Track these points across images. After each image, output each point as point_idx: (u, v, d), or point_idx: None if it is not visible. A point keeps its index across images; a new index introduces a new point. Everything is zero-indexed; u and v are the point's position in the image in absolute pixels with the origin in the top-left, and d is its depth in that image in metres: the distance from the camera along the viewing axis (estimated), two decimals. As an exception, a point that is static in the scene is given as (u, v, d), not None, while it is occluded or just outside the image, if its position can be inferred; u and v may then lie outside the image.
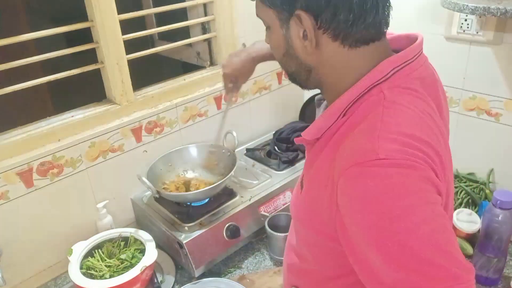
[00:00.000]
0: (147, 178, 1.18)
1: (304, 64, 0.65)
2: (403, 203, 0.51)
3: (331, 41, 0.60)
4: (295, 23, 0.61)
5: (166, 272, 1.20)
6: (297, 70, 0.67)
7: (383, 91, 0.60)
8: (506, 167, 1.31)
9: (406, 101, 0.60)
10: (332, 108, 0.63)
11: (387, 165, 0.52)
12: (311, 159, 0.69)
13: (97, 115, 1.23)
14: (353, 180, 0.54)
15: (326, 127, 0.64)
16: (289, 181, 1.36)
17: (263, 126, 1.69)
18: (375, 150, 0.53)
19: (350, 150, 0.56)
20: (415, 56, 0.63)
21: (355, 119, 0.60)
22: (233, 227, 1.20)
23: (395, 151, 0.53)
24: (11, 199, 1.09)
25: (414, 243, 0.50)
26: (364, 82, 0.61)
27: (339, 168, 0.56)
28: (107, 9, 1.16)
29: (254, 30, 1.55)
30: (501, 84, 1.24)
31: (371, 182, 0.52)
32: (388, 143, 0.54)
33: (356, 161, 0.54)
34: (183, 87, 1.41)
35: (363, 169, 0.53)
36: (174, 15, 1.46)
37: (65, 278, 1.20)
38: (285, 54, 0.66)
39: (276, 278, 1.17)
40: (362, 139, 0.56)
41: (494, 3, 1.03)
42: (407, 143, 0.54)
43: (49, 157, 1.13)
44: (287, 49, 0.65)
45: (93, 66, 1.22)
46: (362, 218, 0.53)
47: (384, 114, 0.57)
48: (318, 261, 0.72)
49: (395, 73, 0.61)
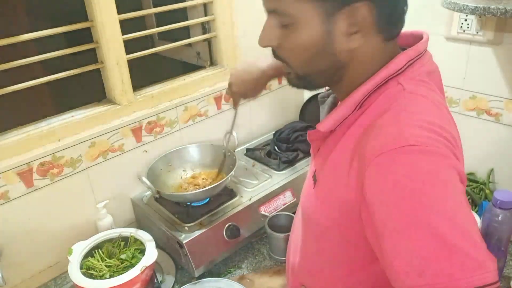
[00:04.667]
0: (147, 178, 1.18)
1: (338, 62, 0.62)
2: (435, 191, 0.51)
3: (376, 34, 0.60)
4: (344, 16, 0.58)
5: (166, 272, 1.20)
6: (326, 69, 0.64)
7: (401, 82, 0.61)
8: (506, 167, 1.31)
9: (423, 91, 0.61)
10: (349, 100, 0.63)
11: (417, 152, 0.52)
12: (324, 153, 0.69)
13: (97, 115, 1.23)
14: (384, 167, 0.54)
15: (341, 119, 0.65)
16: (289, 181, 1.36)
17: (263, 126, 1.69)
18: (404, 136, 0.53)
19: (377, 138, 0.56)
20: (424, 51, 0.65)
21: (374, 110, 0.61)
22: (233, 227, 1.20)
23: (423, 137, 0.54)
24: (11, 199, 1.09)
25: (446, 230, 0.50)
26: (381, 74, 0.62)
27: (366, 157, 0.56)
28: (107, 9, 1.16)
29: (254, 30, 1.55)
30: (501, 84, 1.24)
31: (403, 169, 0.52)
32: (415, 129, 0.55)
33: (386, 149, 0.53)
34: (183, 87, 1.41)
35: (394, 155, 0.53)
36: (174, 15, 1.46)
37: (65, 278, 1.20)
38: (318, 53, 0.61)
39: (276, 278, 1.17)
40: (388, 128, 0.56)
41: (494, 3, 1.03)
42: (432, 130, 0.55)
43: (49, 157, 1.13)
44: (323, 46, 0.61)
45: (93, 66, 1.22)
46: (393, 205, 0.52)
47: (407, 104, 0.59)
48: (330, 257, 0.72)
49: (408, 67, 0.63)
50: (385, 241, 0.54)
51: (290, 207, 1.34)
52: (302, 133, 1.55)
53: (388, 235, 0.53)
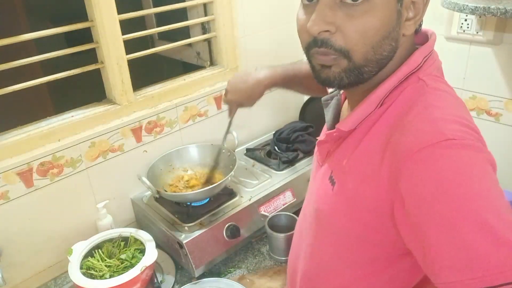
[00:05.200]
0: (147, 178, 1.18)
1: (395, 49, 0.61)
2: (480, 184, 0.51)
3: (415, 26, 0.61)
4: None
5: (166, 272, 1.20)
6: (386, 57, 0.60)
7: (422, 78, 0.61)
8: (506, 167, 1.31)
9: (444, 87, 0.62)
10: (371, 97, 0.63)
11: (457, 146, 0.52)
12: (342, 154, 0.67)
13: (97, 115, 1.23)
14: (425, 162, 0.52)
15: (364, 117, 0.64)
16: (289, 181, 1.36)
17: (263, 126, 1.69)
18: (441, 131, 0.53)
19: (413, 134, 0.55)
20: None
21: (399, 107, 0.60)
22: (233, 227, 1.20)
23: (459, 131, 0.54)
24: (11, 199, 1.09)
25: (495, 223, 0.49)
26: (403, 70, 0.62)
27: (401, 153, 0.55)
28: (107, 9, 1.16)
29: (254, 30, 1.56)
30: (501, 84, 1.24)
31: (446, 163, 0.51)
32: (450, 124, 0.54)
33: (424, 144, 0.53)
34: (183, 87, 1.41)
35: (434, 150, 0.52)
36: (174, 15, 1.46)
37: (65, 278, 1.20)
38: (387, 36, 0.58)
39: (276, 278, 1.17)
40: (422, 123, 0.56)
41: (494, 3, 1.03)
42: (464, 124, 0.55)
43: (49, 157, 1.13)
44: (393, 29, 0.57)
45: (93, 66, 1.22)
46: (438, 199, 0.51)
47: (434, 99, 0.59)
48: (350, 259, 0.70)
49: (424, 63, 0.63)
50: (429, 236, 0.52)
51: (290, 207, 1.34)
52: (302, 133, 1.55)
53: (433, 230, 0.52)
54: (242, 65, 1.53)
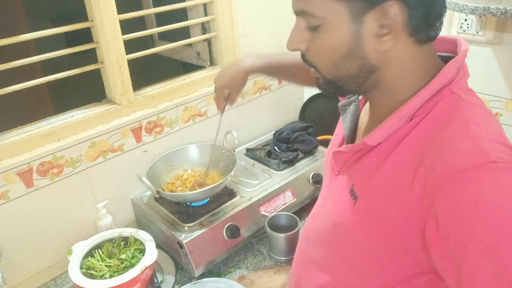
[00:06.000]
0: (147, 178, 1.18)
1: (369, 65, 0.59)
2: None
3: (407, 36, 0.57)
4: (373, 17, 0.56)
5: (166, 272, 1.20)
6: (356, 73, 0.60)
7: (455, 92, 0.58)
8: (506, 167, 1.31)
9: (477, 101, 0.59)
10: (401, 111, 0.59)
11: (502, 169, 0.50)
12: (366, 167, 0.64)
13: (97, 115, 1.23)
14: (467, 186, 0.50)
15: (392, 131, 0.60)
16: (289, 181, 1.36)
17: (263, 126, 1.69)
18: (485, 152, 0.51)
19: (453, 154, 0.52)
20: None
21: (432, 121, 0.58)
22: (233, 227, 1.20)
23: (502, 152, 0.51)
24: (11, 199, 1.09)
25: None
26: (436, 82, 0.58)
27: (439, 173, 0.52)
28: (107, 9, 1.16)
29: (254, 30, 1.56)
30: (501, 84, 1.24)
31: (491, 188, 0.49)
32: (491, 144, 0.52)
33: (467, 165, 0.50)
34: (183, 87, 1.41)
35: (477, 173, 0.50)
36: (174, 15, 1.46)
37: (65, 278, 1.20)
38: (347, 55, 0.59)
39: (276, 278, 1.17)
40: (462, 142, 0.53)
41: (494, 3, 1.03)
42: (503, 143, 0.53)
43: (49, 157, 1.13)
44: (352, 48, 0.58)
45: (93, 66, 1.22)
46: (480, 226, 0.49)
47: (470, 114, 0.56)
48: (362, 274, 0.67)
49: (456, 75, 0.60)
50: (467, 263, 0.50)
51: (290, 207, 1.34)
52: (302, 133, 1.55)
53: (472, 257, 0.49)
54: (242, 65, 1.53)
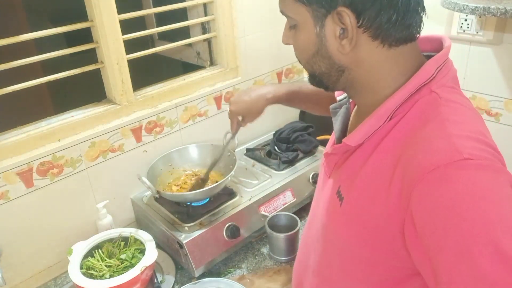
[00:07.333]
0: (147, 178, 1.18)
1: (336, 65, 0.62)
2: (498, 208, 0.48)
3: (370, 40, 0.59)
4: (332, 21, 0.59)
5: (166, 272, 1.20)
6: (327, 71, 0.64)
7: (434, 90, 0.59)
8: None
9: (458, 99, 0.60)
10: (380, 111, 0.60)
11: (474, 167, 0.50)
12: (350, 168, 0.66)
13: (97, 115, 1.23)
14: (439, 184, 0.50)
15: (372, 131, 0.62)
16: (289, 181, 1.36)
17: (263, 126, 1.69)
18: (457, 149, 0.51)
19: (426, 152, 0.53)
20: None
21: (410, 121, 0.58)
22: (233, 227, 1.20)
23: (476, 149, 0.51)
24: (11, 199, 1.09)
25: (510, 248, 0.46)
26: (414, 82, 0.59)
27: (413, 172, 0.53)
28: (107, 9, 1.16)
29: (254, 30, 1.55)
30: (501, 84, 1.24)
31: (461, 186, 0.49)
32: (466, 141, 0.52)
33: (439, 163, 0.50)
34: (183, 87, 1.41)
35: (449, 171, 0.50)
36: (174, 15, 1.46)
37: (65, 278, 1.20)
38: (316, 54, 0.63)
39: (276, 278, 1.17)
40: (436, 140, 0.53)
41: (494, 3, 1.03)
42: (481, 141, 0.53)
43: (49, 157, 1.13)
44: (318, 48, 0.62)
45: (93, 66, 1.22)
46: (452, 225, 0.48)
47: (449, 113, 0.56)
48: (358, 277, 0.67)
49: (438, 73, 0.60)
50: (442, 263, 0.50)
51: (290, 207, 1.34)
52: (302, 133, 1.55)
53: (446, 257, 0.49)
54: (242, 65, 1.53)
